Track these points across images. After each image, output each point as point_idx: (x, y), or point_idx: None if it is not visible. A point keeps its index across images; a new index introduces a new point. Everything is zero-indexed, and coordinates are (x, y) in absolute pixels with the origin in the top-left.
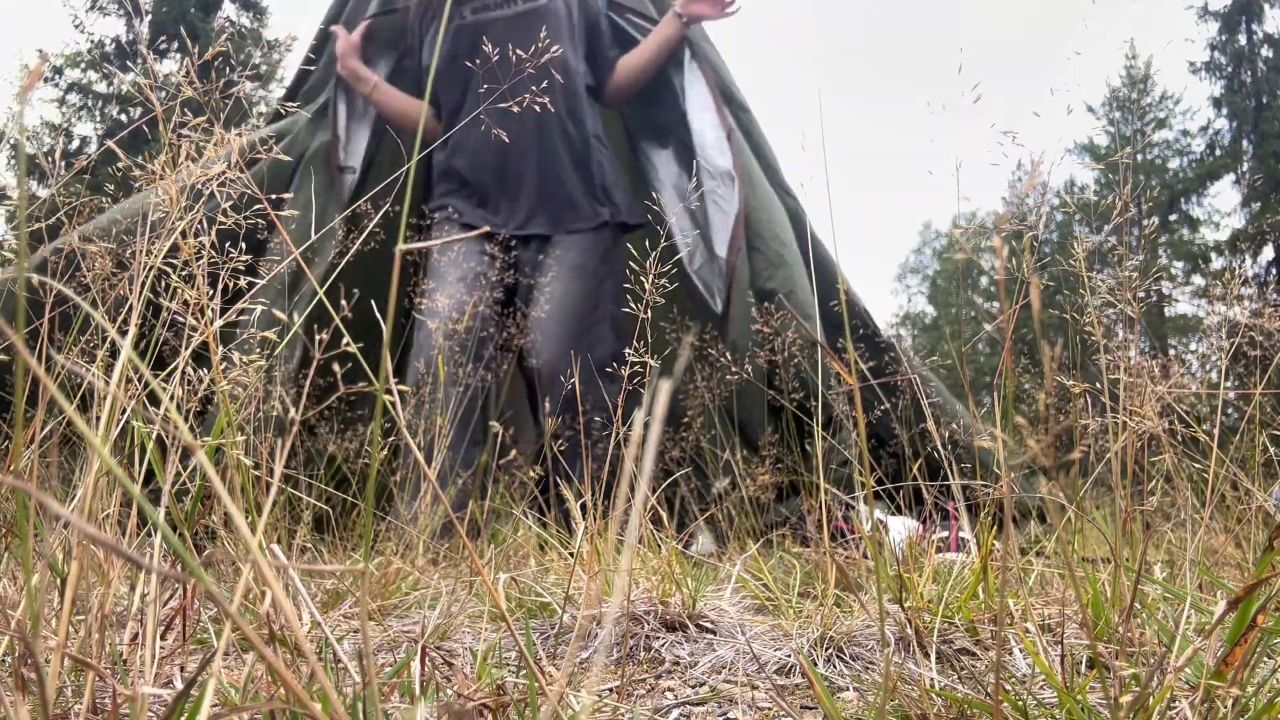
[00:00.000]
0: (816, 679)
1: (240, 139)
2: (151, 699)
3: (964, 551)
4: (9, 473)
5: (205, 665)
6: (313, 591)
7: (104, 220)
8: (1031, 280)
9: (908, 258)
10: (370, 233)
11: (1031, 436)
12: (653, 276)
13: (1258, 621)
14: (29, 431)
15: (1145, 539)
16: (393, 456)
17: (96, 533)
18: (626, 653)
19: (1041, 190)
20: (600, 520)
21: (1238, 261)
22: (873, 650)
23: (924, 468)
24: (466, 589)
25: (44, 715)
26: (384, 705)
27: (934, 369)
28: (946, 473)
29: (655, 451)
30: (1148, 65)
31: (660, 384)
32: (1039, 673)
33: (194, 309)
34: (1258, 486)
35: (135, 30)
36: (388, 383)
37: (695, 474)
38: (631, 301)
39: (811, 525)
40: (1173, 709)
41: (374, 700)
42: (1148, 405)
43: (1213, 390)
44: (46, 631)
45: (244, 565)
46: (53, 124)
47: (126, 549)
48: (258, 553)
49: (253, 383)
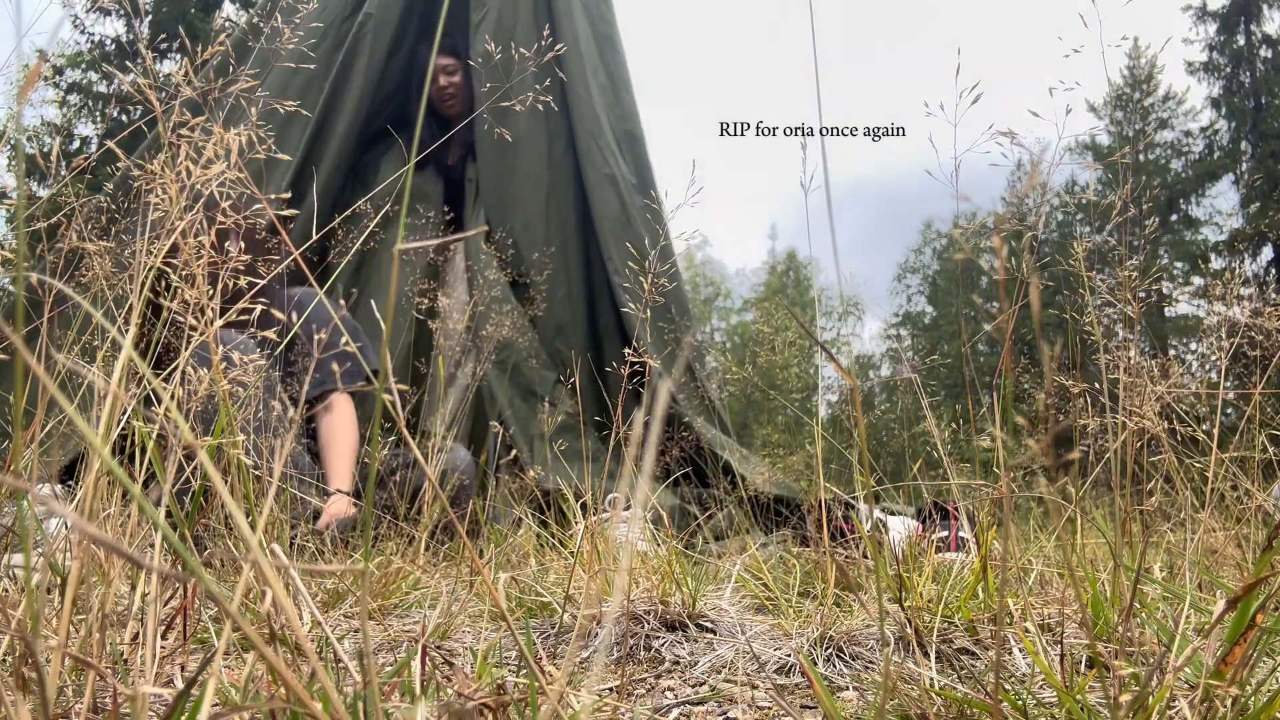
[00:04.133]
0: (816, 678)
1: (240, 138)
2: (152, 698)
3: (963, 551)
4: (9, 473)
5: (206, 665)
6: (313, 591)
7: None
8: (1031, 280)
9: (908, 257)
10: (370, 232)
11: (1031, 436)
12: (652, 276)
13: (1257, 621)
14: (29, 432)
15: (1145, 539)
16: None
17: (97, 532)
18: (626, 652)
19: (1041, 190)
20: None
21: (1237, 261)
22: (873, 650)
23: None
24: (467, 588)
25: (44, 715)
26: (384, 705)
27: (934, 368)
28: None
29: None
30: (1150, 65)
31: (661, 383)
32: (1039, 672)
33: (194, 309)
34: (1257, 486)
35: (135, 30)
36: (387, 382)
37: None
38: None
39: (811, 525)
40: (1172, 708)
41: (374, 700)
42: (1147, 405)
43: (1212, 390)
44: (47, 631)
45: (245, 564)
46: (53, 124)
47: (127, 549)
48: (258, 552)
49: (253, 383)
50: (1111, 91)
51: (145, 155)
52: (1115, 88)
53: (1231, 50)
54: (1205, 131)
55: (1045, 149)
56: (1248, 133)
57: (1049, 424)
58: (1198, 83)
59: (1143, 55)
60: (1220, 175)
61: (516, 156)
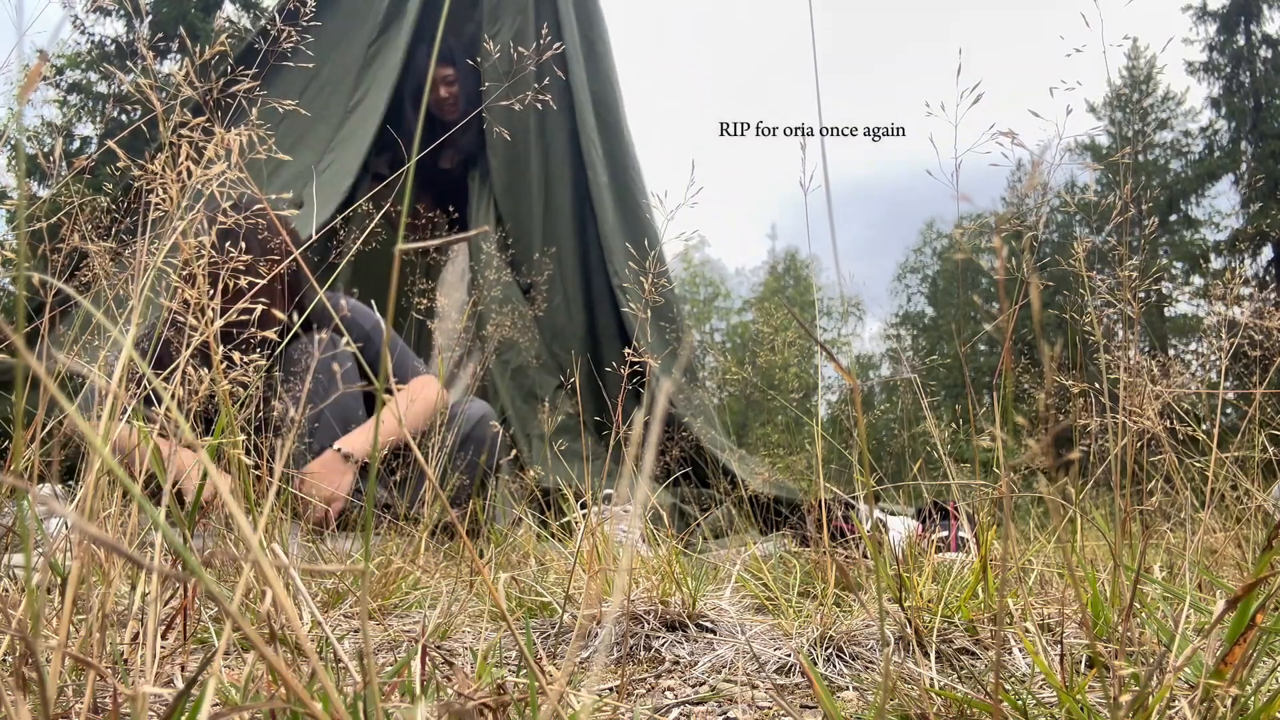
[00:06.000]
0: (816, 678)
1: (240, 138)
2: (152, 698)
3: (963, 551)
4: (9, 473)
5: (206, 664)
6: (313, 591)
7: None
8: (1031, 280)
9: (908, 257)
10: (371, 232)
11: (1031, 436)
12: (651, 277)
13: (1257, 620)
14: (29, 431)
15: (1145, 539)
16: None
17: (97, 532)
18: (626, 652)
19: (1041, 190)
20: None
21: (1237, 261)
22: (873, 650)
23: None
24: (467, 588)
25: (45, 714)
26: (384, 704)
27: (934, 368)
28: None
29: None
30: (1150, 65)
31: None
32: (1038, 672)
33: (195, 309)
34: (1257, 486)
35: (135, 30)
36: (387, 382)
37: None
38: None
39: (811, 525)
40: (1172, 708)
41: (374, 699)
42: (1147, 405)
43: (1212, 390)
44: (47, 631)
45: (245, 564)
46: (53, 124)
47: (127, 548)
48: (258, 552)
49: (254, 383)
50: (1111, 92)
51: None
52: (1115, 88)
53: (1231, 50)
54: (1205, 132)
55: (1045, 149)
56: (1248, 133)
57: (1049, 424)
58: (1198, 83)
59: (1142, 55)
60: (1220, 175)
61: (520, 157)
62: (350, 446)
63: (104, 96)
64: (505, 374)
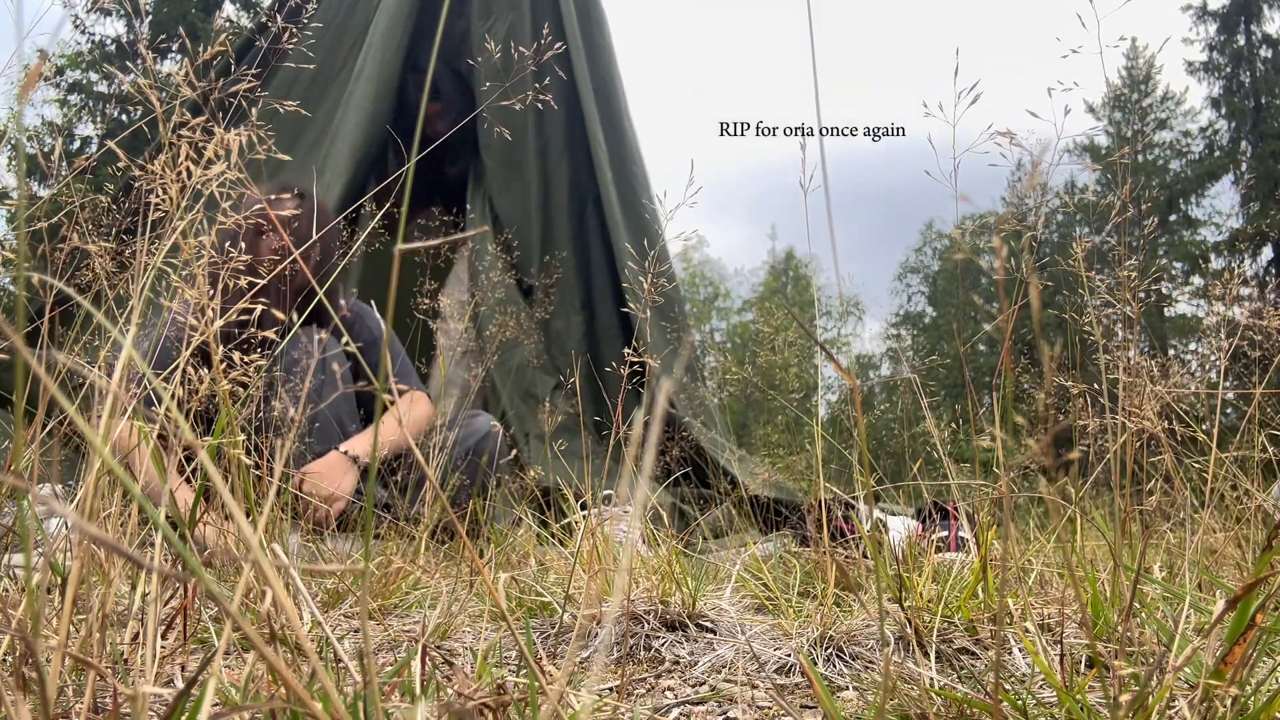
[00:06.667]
0: (816, 678)
1: (240, 138)
2: (152, 698)
3: (963, 551)
4: (9, 472)
5: (206, 664)
6: (313, 591)
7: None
8: (1031, 280)
9: (908, 257)
10: (372, 232)
11: (1031, 436)
12: (651, 276)
13: (1256, 620)
14: (29, 431)
15: (1145, 539)
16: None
17: (97, 532)
18: (626, 652)
19: (1041, 190)
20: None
21: (1237, 261)
22: (873, 650)
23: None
24: (467, 588)
25: (45, 714)
26: (384, 704)
27: (934, 368)
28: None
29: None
30: (1149, 65)
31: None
32: (1039, 672)
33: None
34: (1257, 486)
35: (135, 30)
36: (386, 383)
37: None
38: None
39: (811, 525)
40: (1172, 708)
41: (374, 699)
42: (1147, 405)
43: (1212, 390)
44: (47, 631)
45: (245, 564)
46: (54, 124)
47: (127, 548)
48: (258, 551)
49: (254, 382)
50: (1110, 92)
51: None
52: (1114, 88)
53: (1231, 50)
54: (1205, 131)
55: (1045, 149)
56: (1247, 133)
57: (1049, 424)
58: (1197, 83)
59: (1141, 55)
60: (1220, 175)
61: (516, 156)
62: (356, 449)
63: (104, 96)
64: (508, 374)
